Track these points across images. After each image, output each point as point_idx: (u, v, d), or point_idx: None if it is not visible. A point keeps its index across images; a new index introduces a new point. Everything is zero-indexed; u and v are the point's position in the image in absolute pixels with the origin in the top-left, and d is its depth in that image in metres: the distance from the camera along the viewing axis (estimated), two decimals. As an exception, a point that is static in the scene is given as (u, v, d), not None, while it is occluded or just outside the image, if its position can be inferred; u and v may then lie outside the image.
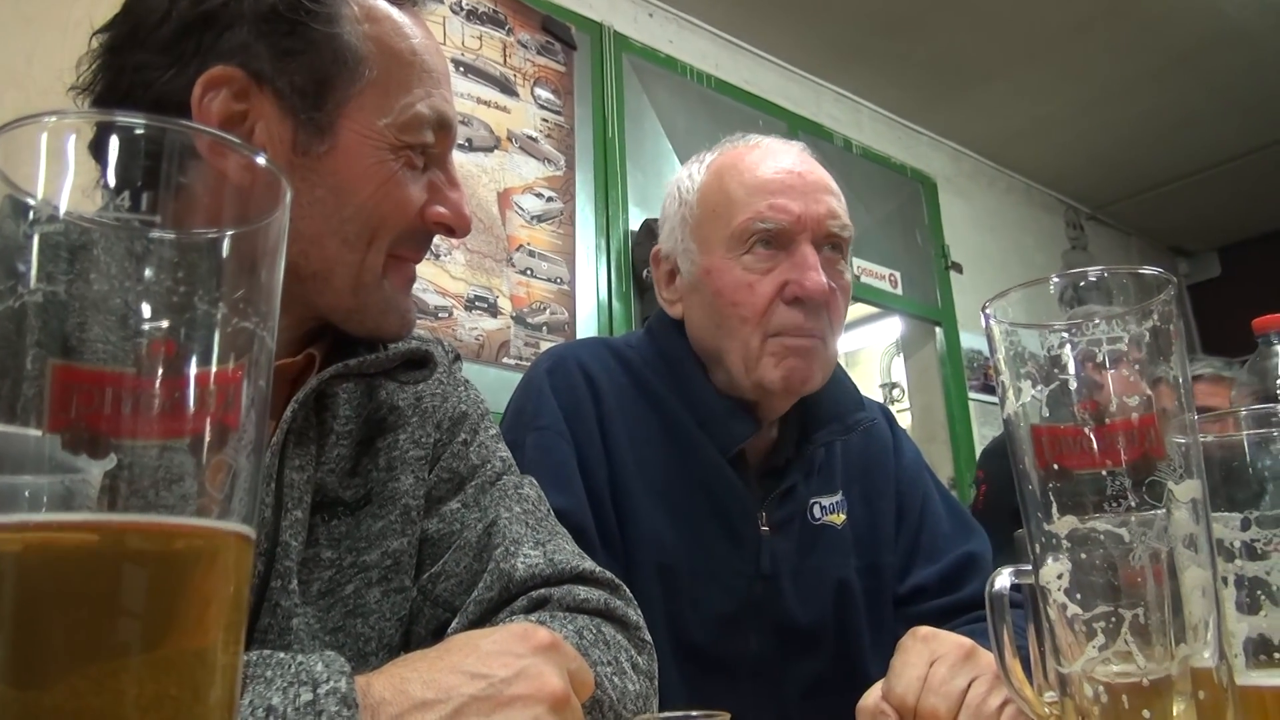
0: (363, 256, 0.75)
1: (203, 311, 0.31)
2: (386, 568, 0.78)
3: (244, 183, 0.33)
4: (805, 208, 1.12)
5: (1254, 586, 0.53)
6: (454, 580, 0.80)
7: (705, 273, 1.15)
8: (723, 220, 1.14)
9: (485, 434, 0.90)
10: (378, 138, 0.74)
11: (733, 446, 1.15)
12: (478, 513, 0.83)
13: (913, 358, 4.36)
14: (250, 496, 0.31)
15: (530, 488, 0.88)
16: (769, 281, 1.11)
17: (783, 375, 1.10)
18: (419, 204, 0.77)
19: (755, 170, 1.15)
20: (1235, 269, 6.05)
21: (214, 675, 0.30)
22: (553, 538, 0.83)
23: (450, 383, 0.91)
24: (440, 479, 0.85)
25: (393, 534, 0.79)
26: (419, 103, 0.75)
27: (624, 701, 0.70)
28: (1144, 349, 0.46)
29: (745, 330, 1.11)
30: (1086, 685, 0.44)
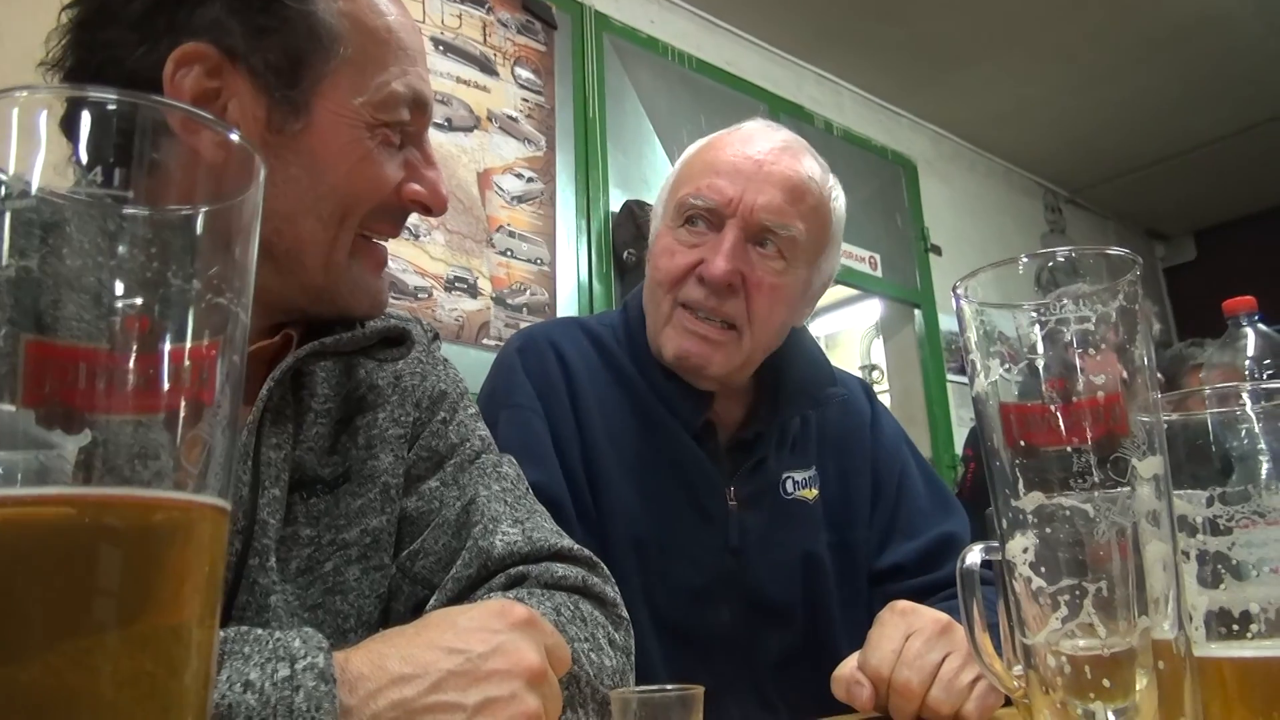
0: (335, 235, 0.74)
1: (177, 288, 0.31)
2: (366, 545, 0.78)
3: (218, 159, 0.33)
4: (742, 193, 1.12)
5: (1216, 561, 0.54)
6: (433, 558, 0.80)
7: (655, 237, 1.20)
8: (675, 190, 1.19)
9: (464, 413, 0.90)
10: (353, 116, 0.73)
11: (692, 423, 1.17)
12: (456, 491, 0.83)
13: (892, 340, 4.39)
14: (225, 471, 0.32)
15: (509, 466, 0.89)
16: (688, 255, 1.14)
17: (676, 352, 1.13)
18: (395, 181, 0.77)
19: (721, 150, 1.17)
20: (1210, 252, 6.11)
21: (190, 650, 0.30)
22: (531, 515, 0.83)
23: (429, 362, 0.91)
24: (419, 457, 0.85)
25: (372, 512, 0.79)
26: (395, 81, 0.75)
27: (601, 677, 0.71)
28: (1110, 329, 0.47)
29: (659, 294, 1.16)
30: (1050, 657, 0.45)
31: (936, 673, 0.88)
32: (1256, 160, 5.25)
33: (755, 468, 1.19)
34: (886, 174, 4.32)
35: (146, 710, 0.29)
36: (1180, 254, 6.23)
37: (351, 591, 0.76)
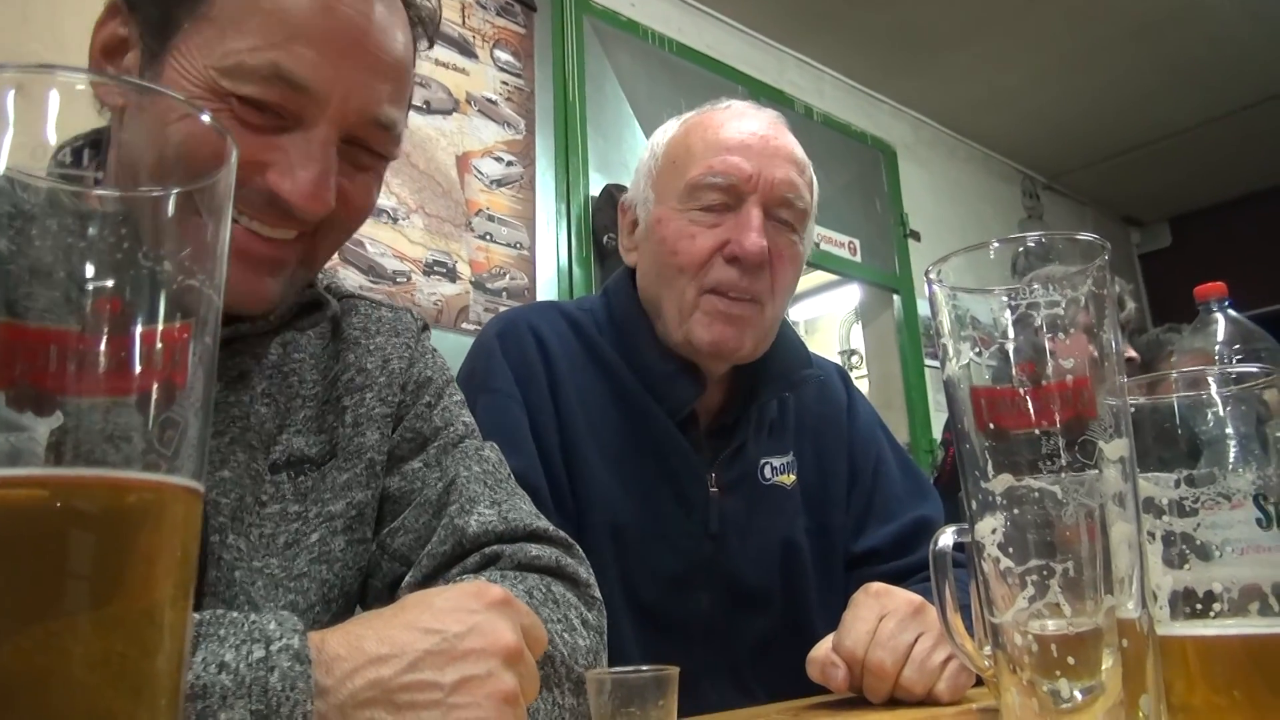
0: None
1: (148, 270, 0.31)
2: (351, 518, 0.79)
3: (188, 141, 0.32)
4: (759, 169, 1.13)
5: (1182, 542, 0.55)
6: (411, 535, 0.81)
7: (656, 221, 1.17)
8: (679, 172, 1.16)
9: (449, 399, 0.91)
10: (197, 77, 0.67)
11: (680, 410, 1.16)
12: (438, 472, 0.84)
13: (871, 325, 4.41)
14: (198, 453, 0.32)
15: (491, 451, 0.89)
16: (711, 236, 1.12)
17: (712, 339, 1.12)
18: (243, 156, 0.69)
19: (720, 129, 1.17)
20: (1185, 239, 6.18)
21: (163, 631, 0.30)
22: (510, 498, 0.84)
23: (418, 349, 0.92)
24: (403, 438, 0.86)
25: (358, 486, 0.81)
26: (251, 51, 0.67)
27: (575, 656, 0.71)
28: (1080, 313, 0.47)
29: (681, 281, 1.13)
30: (1018, 636, 0.46)
31: (909, 653, 0.89)
32: (1231, 148, 5.30)
33: (736, 453, 1.19)
34: (866, 159, 4.33)
35: (118, 691, 0.29)
36: (1156, 240, 6.29)
37: (337, 562, 0.78)
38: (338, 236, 0.79)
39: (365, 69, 0.72)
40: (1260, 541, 0.54)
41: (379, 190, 0.82)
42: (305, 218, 0.71)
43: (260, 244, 0.72)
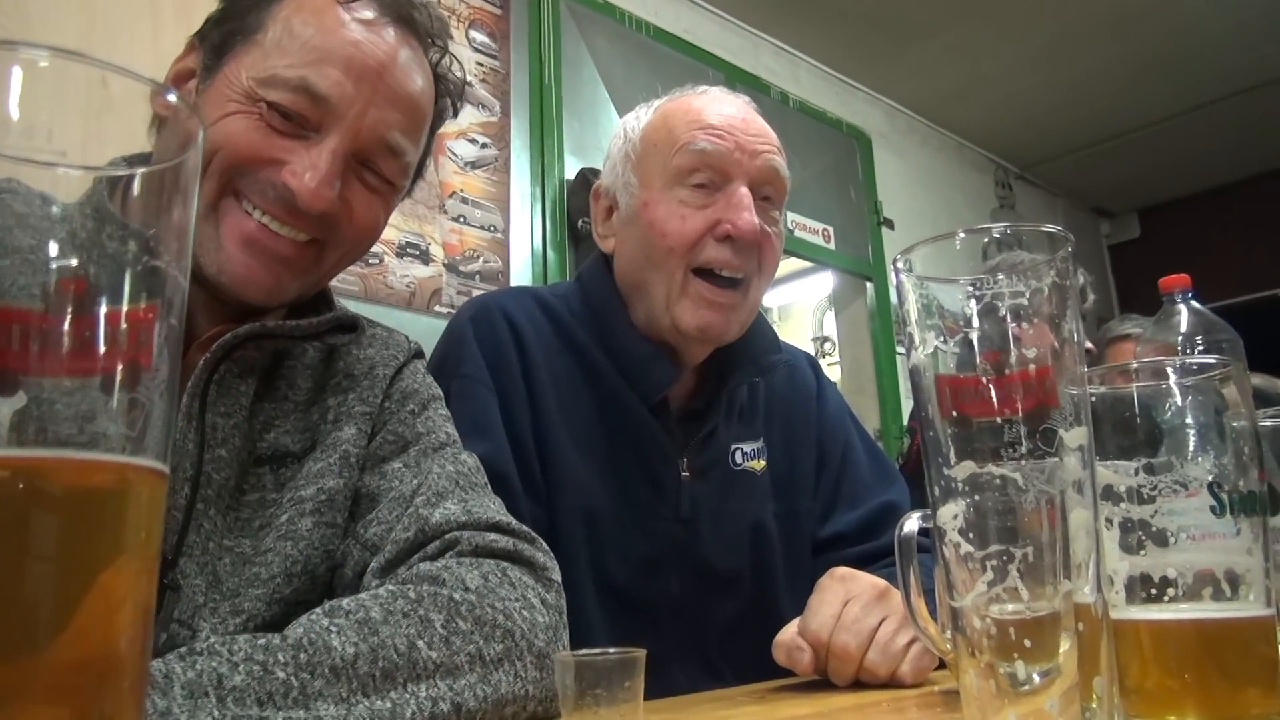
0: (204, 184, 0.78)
1: (113, 250, 0.30)
2: (320, 501, 0.82)
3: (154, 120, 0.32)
4: (743, 148, 1.14)
5: (1139, 529, 0.57)
6: (383, 526, 0.83)
7: (642, 205, 1.16)
8: (663, 153, 1.16)
9: (435, 412, 0.94)
10: (236, 83, 0.80)
11: (654, 394, 1.17)
12: (415, 471, 0.87)
13: (843, 312, 4.43)
14: (164, 434, 0.32)
15: (470, 458, 0.91)
16: (701, 217, 1.12)
17: (699, 325, 1.12)
18: (265, 153, 0.80)
19: (701, 111, 1.17)
20: (1154, 230, 6.26)
21: (127, 612, 0.30)
22: (479, 498, 0.86)
23: (410, 367, 0.97)
24: (385, 440, 0.89)
25: (330, 474, 0.84)
26: (286, 67, 0.80)
27: (535, 631, 0.73)
28: (1042, 304, 0.48)
29: (671, 262, 1.13)
30: (977, 619, 0.47)
31: (873, 637, 0.90)
32: (1199, 141, 5.37)
33: (707, 439, 1.20)
34: (841, 146, 4.34)
35: (82, 672, 0.29)
36: (1125, 231, 6.37)
37: (302, 540, 0.80)
38: (344, 252, 0.88)
39: (382, 96, 0.84)
40: (1214, 528, 0.55)
41: (386, 218, 0.91)
42: (309, 211, 0.81)
43: (269, 237, 0.81)
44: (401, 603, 0.68)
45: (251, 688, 0.56)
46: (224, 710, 0.54)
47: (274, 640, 0.60)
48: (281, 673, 0.58)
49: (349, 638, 0.63)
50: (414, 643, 0.65)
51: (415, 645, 0.65)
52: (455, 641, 0.68)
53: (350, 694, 0.60)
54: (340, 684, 0.60)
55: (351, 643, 0.62)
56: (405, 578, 0.74)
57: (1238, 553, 0.55)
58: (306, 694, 0.58)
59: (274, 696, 0.57)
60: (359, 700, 0.60)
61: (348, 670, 0.61)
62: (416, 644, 0.65)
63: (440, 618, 0.69)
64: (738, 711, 0.79)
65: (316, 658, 0.60)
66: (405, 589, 0.70)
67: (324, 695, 0.59)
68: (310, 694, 0.58)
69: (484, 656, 0.69)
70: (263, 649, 0.59)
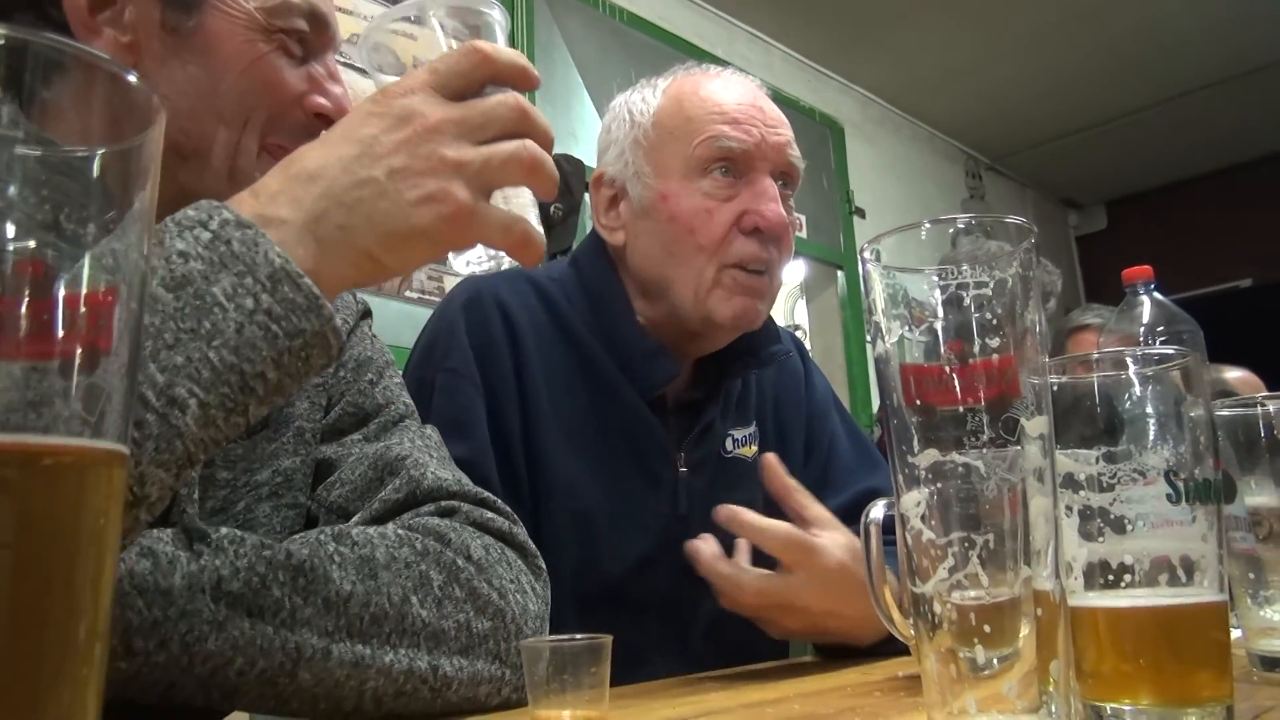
0: (238, 137, 0.75)
1: (71, 232, 0.30)
2: (277, 484, 0.80)
3: (114, 100, 0.32)
4: (765, 136, 1.12)
5: (1098, 516, 0.58)
6: (348, 487, 0.81)
7: (661, 198, 1.13)
8: (681, 143, 1.13)
9: (390, 380, 0.92)
10: (245, 17, 0.75)
11: (654, 390, 1.14)
12: (378, 442, 0.85)
13: (815, 301, 4.46)
14: (124, 419, 0.31)
15: (433, 431, 0.90)
16: (728, 210, 1.10)
17: (733, 314, 1.10)
18: (297, 92, 0.77)
19: (717, 96, 1.14)
20: (1121, 222, 6.35)
21: (85, 598, 0.30)
22: (457, 470, 0.85)
23: (359, 334, 0.93)
24: (345, 413, 0.87)
25: (284, 453, 0.81)
26: None
27: (525, 618, 0.73)
28: (1006, 294, 0.49)
29: (700, 259, 1.10)
30: (937, 604, 0.48)
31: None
32: (1166, 134, 5.45)
33: (704, 431, 1.18)
34: (814, 135, 4.35)
35: (40, 660, 0.29)
36: (1092, 223, 6.45)
37: (261, 527, 0.78)
38: None
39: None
40: (1170, 516, 0.56)
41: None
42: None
43: None
44: (406, 551, 0.69)
45: (246, 597, 0.58)
46: (217, 610, 0.57)
47: (279, 554, 0.62)
48: (278, 591, 0.60)
49: (349, 573, 0.64)
50: (408, 596, 0.66)
51: (409, 599, 0.66)
52: (447, 606, 0.69)
53: (336, 629, 0.62)
54: (329, 617, 0.62)
55: (350, 579, 0.64)
56: (414, 525, 0.74)
57: (1193, 539, 0.56)
58: (295, 619, 0.60)
59: (264, 612, 0.59)
60: (342, 638, 0.62)
61: (340, 606, 0.62)
62: (410, 598, 0.67)
63: (440, 578, 0.69)
64: (703, 697, 0.80)
65: (314, 585, 0.62)
66: (413, 537, 0.71)
67: (311, 624, 0.61)
68: (299, 620, 0.60)
69: (471, 629, 0.69)
70: (266, 561, 0.61)
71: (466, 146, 0.60)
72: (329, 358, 0.58)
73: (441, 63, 0.63)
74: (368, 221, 0.57)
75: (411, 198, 0.57)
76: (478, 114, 0.61)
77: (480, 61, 0.63)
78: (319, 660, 0.60)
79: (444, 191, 0.58)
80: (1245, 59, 4.75)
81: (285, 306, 0.54)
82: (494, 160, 0.60)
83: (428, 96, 0.60)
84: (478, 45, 0.64)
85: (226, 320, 0.52)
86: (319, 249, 0.57)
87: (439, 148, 0.59)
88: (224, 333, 0.52)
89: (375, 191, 0.57)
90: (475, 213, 0.59)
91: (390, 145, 0.58)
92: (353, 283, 0.60)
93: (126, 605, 0.54)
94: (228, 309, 0.52)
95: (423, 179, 0.58)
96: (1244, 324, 4.72)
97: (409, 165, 0.58)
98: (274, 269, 0.54)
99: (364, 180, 0.57)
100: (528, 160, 0.61)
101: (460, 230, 0.59)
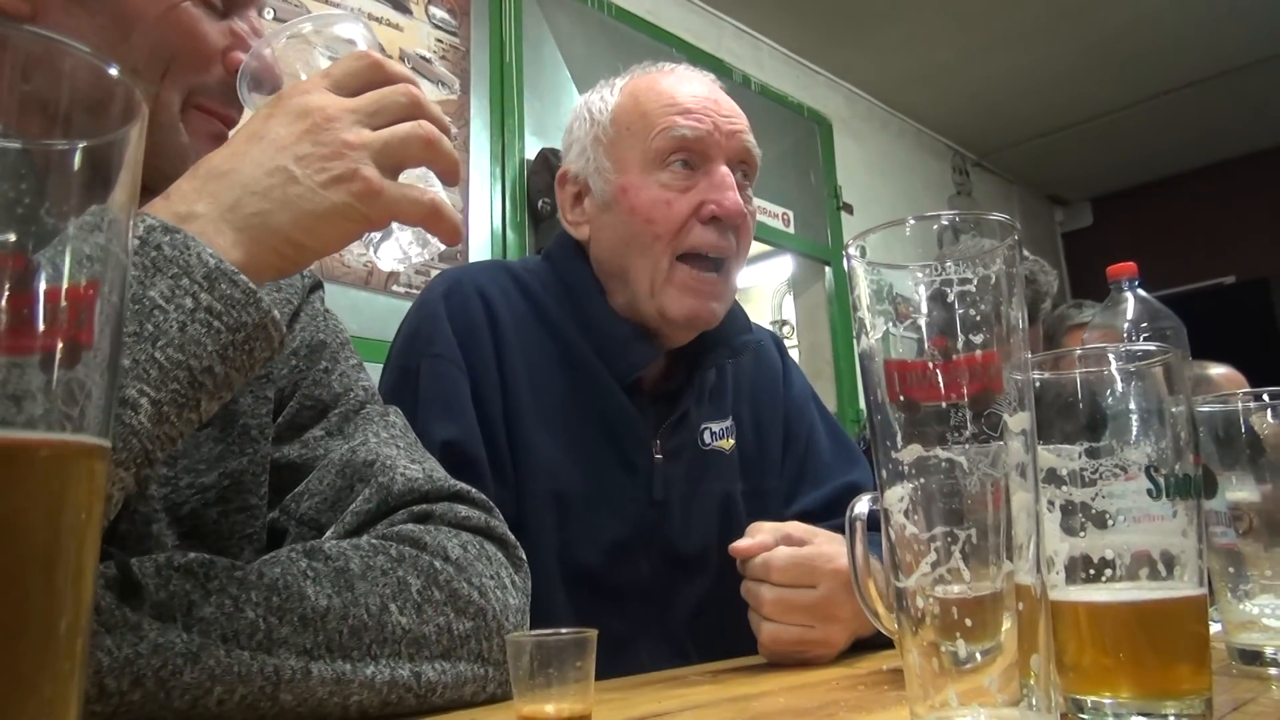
0: (157, 90, 0.73)
1: (52, 226, 0.30)
2: (225, 488, 0.78)
3: (95, 93, 0.32)
4: (720, 127, 1.14)
5: (1080, 511, 0.58)
6: (318, 498, 0.80)
7: (621, 191, 1.15)
8: (639, 137, 1.15)
9: (346, 363, 0.89)
10: None
11: (630, 374, 1.16)
12: (341, 439, 0.83)
13: (802, 296, 4.47)
14: (105, 414, 0.31)
15: (396, 416, 0.88)
16: (686, 200, 1.12)
17: (686, 313, 1.12)
18: (218, 46, 0.75)
19: (671, 91, 1.17)
20: (1106, 219, 6.38)
21: (66, 592, 0.30)
22: (426, 459, 0.84)
23: (308, 313, 0.90)
24: (303, 406, 0.85)
25: (231, 455, 0.79)
26: None
27: (506, 614, 0.73)
28: (989, 290, 0.49)
29: (657, 248, 1.12)
30: (920, 599, 0.48)
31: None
32: (1151, 131, 5.48)
33: (680, 420, 1.20)
34: (802, 131, 4.36)
35: (19, 655, 0.28)
36: (1078, 220, 6.48)
37: (210, 534, 0.76)
38: None
39: None
40: (1151, 510, 0.57)
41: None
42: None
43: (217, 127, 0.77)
44: (382, 559, 0.68)
45: (219, 622, 0.57)
46: (190, 639, 0.55)
47: (250, 575, 0.60)
48: (251, 613, 0.59)
49: (324, 588, 0.63)
50: (386, 605, 0.66)
51: (387, 608, 0.66)
52: (427, 610, 0.68)
53: (315, 646, 0.61)
54: (307, 634, 0.61)
55: (325, 594, 0.63)
56: (387, 534, 0.73)
57: (1173, 534, 0.57)
58: (272, 639, 0.59)
59: (239, 636, 0.58)
60: (321, 654, 0.61)
61: (317, 622, 0.61)
62: (389, 607, 0.66)
63: (418, 583, 0.68)
64: (691, 690, 0.80)
65: (289, 604, 0.60)
66: (387, 545, 0.70)
67: (289, 644, 0.59)
68: (275, 640, 0.59)
69: (453, 630, 0.69)
70: (238, 582, 0.59)
71: (365, 130, 0.62)
72: (271, 349, 0.59)
73: (335, 67, 0.65)
74: (282, 207, 0.59)
75: (321, 180, 0.60)
76: (372, 102, 0.64)
77: (372, 64, 0.65)
78: (299, 680, 0.59)
79: (351, 171, 0.60)
80: (1230, 57, 4.78)
81: (225, 303, 0.55)
82: (394, 139, 0.63)
83: (323, 94, 0.63)
84: (367, 51, 0.67)
85: (168, 321, 0.53)
86: (238, 238, 0.58)
87: (340, 133, 0.61)
88: (167, 333, 0.53)
89: (286, 178, 0.59)
90: (384, 189, 0.62)
91: (293, 136, 0.61)
92: (278, 270, 0.61)
93: (95, 645, 0.52)
94: (168, 310, 0.53)
95: (328, 162, 0.60)
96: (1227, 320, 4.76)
97: (314, 151, 0.60)
98: (209, 269, 0.55)
99: (273, 169, 0.60)
100: (425, 136, 0.64)
101: (371, 205, 0.61)
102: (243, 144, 0.61)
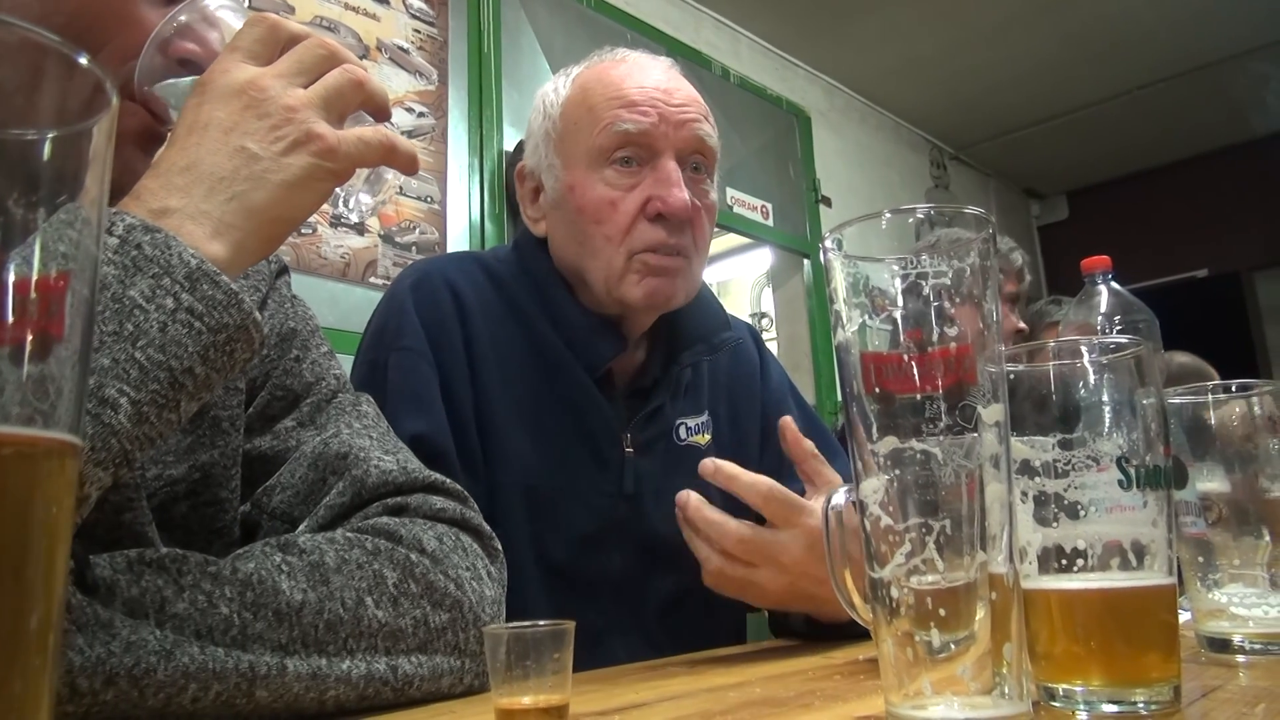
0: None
1: (20, 216, 0.29)
2: (195, 481, 0.76)
3: (63, 83, 0.31)
4: (667, 118, 1.11)
5: (1053, 502, 0.59)
6: (290, 491, 0.79)
7: (568, 189, 1.13)
8: (584, 133, 1.13)
9: (317, 351, 0.88)
10: None
11: (599, 366, 1.15)
12: (314, 430, 0.82)
13: (781, 289, 4.48)
14: (76, 407, 0.31)
15: (368, 405, 0.87)
16: (631, 199, 1.10)
17: (645, 294, 1.11)
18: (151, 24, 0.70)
19: (620, 84, 1.14)
20: (1082, 212, 6.43)
21: (36, 590, 0.30)
22: (400, 449, 0.84)
23: (276, 300, 0.88)
24: (274, 396, 0.84)
25: (200, 448, 0.77)
26: None
27: (482, 605, 0.73)
28: (964, 283, 0.49)
29: (609, 250, 1.11)
30: (895, 589, 0.48)
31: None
32: (1127, 125, 5.53)
33: (652, 415, 1.19)
34: (781, 123, 4.36)
35: (-9, 648, 0.28)
36: (1054, 213, 6.53)
37: (179, 528, 0.74)
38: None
39: None
40: (1122, 501, 0.57)
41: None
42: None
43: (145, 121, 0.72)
44: (358, 553, 0.67)
45: (193, 618, 0.56)
46: (163, 637, 0.54)
47: (224, 570, 0.60)
48: (225, 608, 0.58)
49: (299, 582, 0.62)
50: (362, 599, 0.65)
51: (363, 602, 0.65)
52: (403, 603, 0.68)
53: (290, 641, 0.60)
54: (282, 630, 0.60)
55: (300, 589, 0.62)
56: (362, 527, 0.72)
57: (1144, 524, 0.57)
58: (246, 635, 0.58)
59: (213, 632, 0.57)
60: (297, 650, 0.60)
61: (292, 617, 0.61)
62: (365, 600, 0.65)
63: (394, 576, 0.68)
64: (666, 681, 0.80)
65: (263, 599, 0.60)
66: (363, 539, 0.69)
67: (264, 640, 0.59)
68: (250, 635, 0.58)
69: (429, 623, 0.69)
70: (211, 578, 0.59)
71: (299, 90, 0.63)
72: (251, 351, 0.59)
73: (240, 39, 0.65)
74: (255, 185, 0.59)
75: (280, 149, 0.60)
76: (294, 62, 0.64)
77: (272, 25, 0.65)
78: (275, 676, 0.58)
79: (305, 133, 0.61)
80: (1205, 52, 4.83)
81: (207, 304, 0.55)
82: (329, 91, 0.64)
83: (243, 67, 0.63)
84: (261, 14, 0.66)
85: (149, 321, 0.53)
86: (219, 226, 0.58)
87: (279, 100, 0.61)
88: (148, 333, 0.53)
89: (247, 157, 0.60)
90: (340, 140, 0.63)
91: (236, 116, 0.60)
92: (262, 251, 0.61)
93: (66, 644, 0.51)
94: (149, 310, 0.53)
95: (280, 130, 0.61)
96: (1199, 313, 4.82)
97: (262, 124, 0.61)
98: (190, 269, 0.55)
99: (233, 152, 0.60)
100: (354, 78, 0.65)
101: (335, 159, 0.62)
102: (189, 137, 0.60)
